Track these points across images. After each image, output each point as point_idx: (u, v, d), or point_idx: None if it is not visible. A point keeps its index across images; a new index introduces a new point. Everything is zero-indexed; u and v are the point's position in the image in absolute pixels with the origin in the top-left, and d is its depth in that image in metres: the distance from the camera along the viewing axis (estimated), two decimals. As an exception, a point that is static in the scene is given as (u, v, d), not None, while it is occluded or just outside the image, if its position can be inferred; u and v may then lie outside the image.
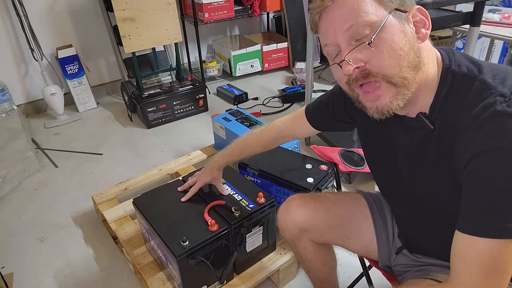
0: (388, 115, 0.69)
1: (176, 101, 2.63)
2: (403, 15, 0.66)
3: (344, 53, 0.66)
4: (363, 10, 0.64)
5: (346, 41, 0.66)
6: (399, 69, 0.65)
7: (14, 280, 1.49)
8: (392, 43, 0.64)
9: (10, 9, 2.54)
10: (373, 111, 0.70)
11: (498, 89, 0.61)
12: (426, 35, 0.68)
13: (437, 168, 0.71)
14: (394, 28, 0.64)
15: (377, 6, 0.64)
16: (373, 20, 0.64)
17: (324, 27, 0.69)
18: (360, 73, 0.67)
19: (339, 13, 0.65)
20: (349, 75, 0.68)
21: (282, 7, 3.20)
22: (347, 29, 0.65)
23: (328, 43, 0.69)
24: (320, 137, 2.21)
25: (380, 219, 0.99)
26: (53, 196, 1.97)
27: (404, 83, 0.66)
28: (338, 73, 0.71)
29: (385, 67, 0.65)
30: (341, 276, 1.39)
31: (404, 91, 0.66)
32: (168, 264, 1.20)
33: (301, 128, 1.07)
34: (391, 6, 0.65)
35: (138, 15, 2.41)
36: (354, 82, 0.69)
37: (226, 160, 1.20)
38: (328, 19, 0.67)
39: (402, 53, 0.64)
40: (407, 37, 0.65)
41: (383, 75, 0.65)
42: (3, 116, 2.52)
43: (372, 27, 0.64)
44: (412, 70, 0.66)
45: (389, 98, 0.67)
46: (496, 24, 2.01)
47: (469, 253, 0.61)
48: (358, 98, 0.72)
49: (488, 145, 0.58)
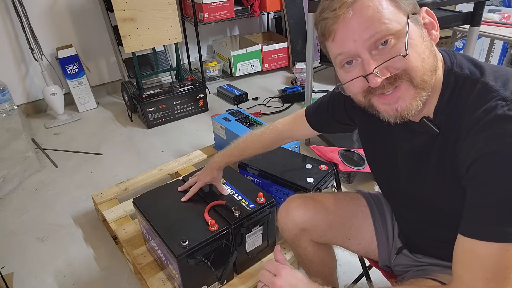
0: (405, 119, 0.67)
1: (176, 101, 2.64)
2: (418, 19, 0.65)
3: (370, 66, 0.63)
4: (385, 17, 0.61)
5: (367, 51, 0.63)
6: (423, 71, 0.64)
7: (14, 280, 1.49)
8: (416, 48, 0.63)
9: (10, 9, 2.54)
10: (391, 114, 0.67)
11: (500, 93, 0.61)
12: (437, 37, 0.67)
13: (439, 171, 0.71)
14: (416, 34, 0.63)
15: (396, 13, 0.62)
16: (396, 28, 0.61)
17: (340, 35, 0.64)
18: (386, 80, 0.64)
19: (358, 21, 0.61)
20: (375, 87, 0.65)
21: (282, 7, 3.20)
22: (368, 38, 0.62)
23: (344, 52, 0.65)
24: (320, 137, 2.21)
25: (380, 219, 0.99)
26: (54, 196, 1.97)
27: (424, 86, 0.65)
28: (355, 86, 0.67)
29: (411, 69, 0.63)
30: (341, 276, 1.39)
31: (422, 93, 0.65)
32: (168, 264, 1.20)
33: (301, 130, 1.06)
34: (408, 10, 0.63)
35: (138, 15, 2.42)
36: (376, 92, 0.66)
37: (226, 161, 1.20)
38: (345, 27, 0.63)
39: (424, 57, 0.64)
40: (426, 42, 0.65)
41: (409, 75, 0.64)
42: (3, 116, 2.53)
43: (395, 35, 0.61)
44: (431, 74, 0.65)
45: (409, 100, 0.65)
46: (496, 24, 2.01)
47: (470, 256, 0.61)
48: (370, 102, 0.69)
49: (489, 149, 0.58)
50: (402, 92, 0.65)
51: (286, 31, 3.34)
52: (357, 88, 0.68)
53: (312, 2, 1.82)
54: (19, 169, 2.08)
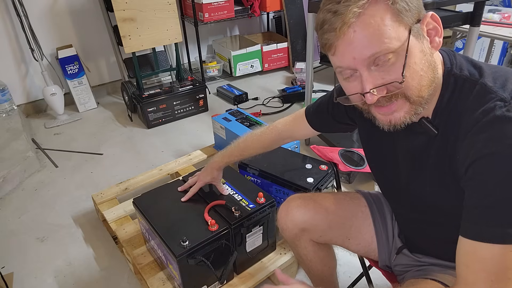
0: (398, 128, 0.69)
1: (176, 101, 2.64)
2: (420, 30, 0.64)
3: (368, 84, 0.64)
4: (386, 35, 0.60)
5: (366, 68, 0.63)
6: (419, 88, 0.64)
7: (14, 280, 1.49)
8: (415, 65, 0.63)
9: (10, 9, 2.54)
10: (385, 123, 0.69)
11: (499, 94, 0.61)
12: (439, 43, 0.67)
13: (439, 171, 0.71)
14: (416, 50, 0.63)
15: (397, 28, 0.61)
16: (396, 46, 0.61)
17: (341, 51, 0.64)
18: (382, 97, 0.65)
19: (358, 38, 0.61)
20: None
21: (282, 7, 3.20)
22: (368, 57, 0.62)
23: (343, 66, 0.66)
24: (320, 137, 2.21)
25: (380, 219, 0.99)
26: (53, 196, 1.97)
27: (420, 101, 0.66)
28: (353, 99, 0.69)
29: (407, 89, 0.64)
30: (341, 276, 1.39)
31: (417, 108, 0.66)
32: (168, 264, 1.20)
33: (301, 130, 1.06)
34: (410, 21, 0.62)
35: (138, 15, 2.42)
36: (373, 104, 0.67)
37: (226, 161, 1.20)
38: (346, 46, 0.62)
39: (422, 73, 0.64)
40: (426, 56, 0.64)
41: (404, 93, 0.64)
42: (3, 116, 2.53)
43: (395, 52, 0.61)
44: (429, 87, 0.65)
45: (403, 113, 0.67)
46: (496, 24, 2.01)
47: (473, 258, 0.61)
48: (368, 109, 0.71)
49: (487, 150, 0.59)
50: (397, 106, 0.67)
51: (286, 31, 3.34)
52: (355, 101, 0.70)
53: (312, 2, 1.82)
54: (19, 169, 2.08)
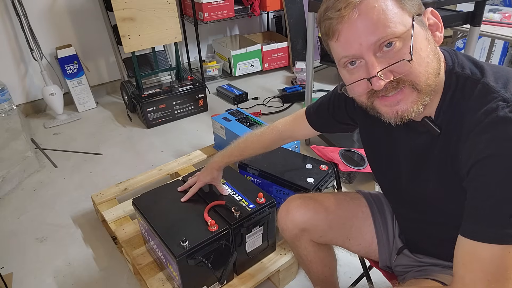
0: (405, 121, 0.67)
1: (176, 101, 2.63)
2: (422, 20, 0.64)
3: (374, 69, 0.63)
4: (390, 20, 0.60)
5: (372, 54, 0.63)
6: (427, 76, 0.63)
7: (13, 280, 1.49)
8: (421, 51, 0.62)
9: (9, 9, 2.53)
10: (391, 115, 0.67)
11: (501, 94, 0.61)
12: (441, 38, 0.67)
13: (440, 171, 0.71)
14: (421, 36, 0.63)
15: (402, 14, 0.61)
16: (402, 30, 0.61)
17: (345, 38, 0.63)
18: (390, 83, 0.64)
19: (364, 24, 0.61)
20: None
21: (282, 7, 3.19)
22: (374, 42, 0.61)
23: (349, 55, 0.65)
24: (320, 137, 2.21)
25: (380, 219, 0.99)
26: (53, 196, 1.97)
27: (427, 90, 0.65)
28: (359, 88, 0.67)
29: (415, 75, 0.63)
30: (342, 276, 1.39)
31: (424, 98, 0.65)
32: (168, 264, 1.20)
33: (302, 130, 1.06)
34: (413, 11, 0.63)
35: (138, 14, 2.41)
36: (379, 94, 0.66)
37: (226, 161, 1.20)
38: (351, 30, 0.62)
39: (429, 60, 0.63)
40: (430, 44, 0.64)
41: (412, 81, 0.63)
42: (2, 116, 2.52)
43: (401, 37, 0.61)
44: (435, 77, 0.65)
45: (410, 103, 0.65)
46: (496, 24, 2.01)
47: (471, 258, 0.61)
48: (372, 104, 0.69)
49: (490, 151, 0.58)
50: (404, 95, 0.65)
51: (286, 30, 3.33)
52: (360, 90, 0.68)
53: (312, 2, 1.82)
54: (18, 169, 2.08)
